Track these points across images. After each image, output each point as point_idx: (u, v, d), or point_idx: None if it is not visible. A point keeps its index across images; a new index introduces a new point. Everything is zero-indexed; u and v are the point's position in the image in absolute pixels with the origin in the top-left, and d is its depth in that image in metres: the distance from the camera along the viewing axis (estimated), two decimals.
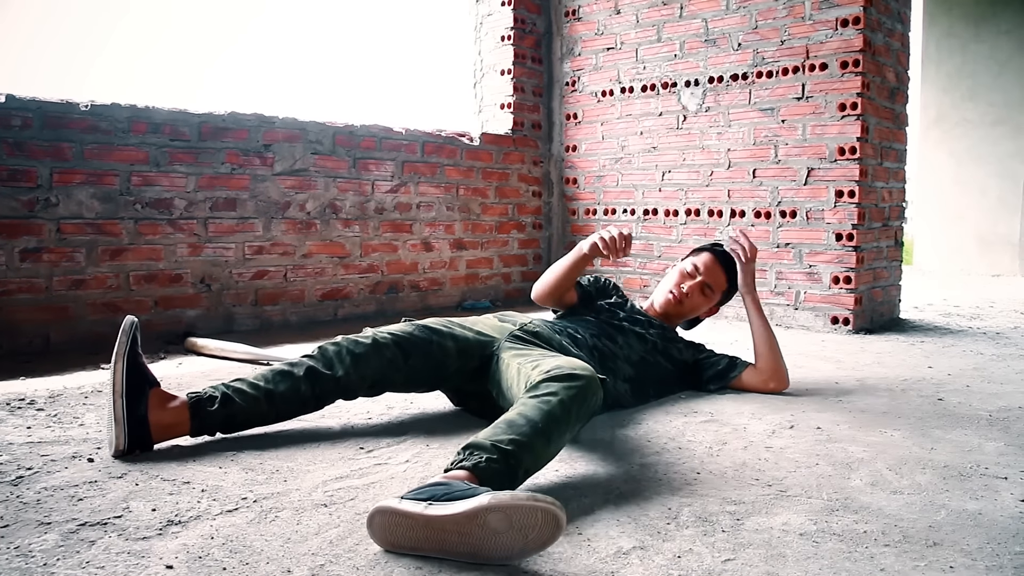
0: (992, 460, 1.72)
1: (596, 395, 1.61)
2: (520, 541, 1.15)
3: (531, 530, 1.15)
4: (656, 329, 2.34)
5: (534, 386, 1.58)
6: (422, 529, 1.19)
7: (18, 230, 2.85)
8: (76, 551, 1.22)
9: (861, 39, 3.44)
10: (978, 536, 1.31)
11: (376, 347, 1.86)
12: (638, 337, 2.28)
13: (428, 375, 1.95)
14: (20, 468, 1.59)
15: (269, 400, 1.77)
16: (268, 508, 1.40)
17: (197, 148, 3.28)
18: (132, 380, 1.65)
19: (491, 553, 1.17)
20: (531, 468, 1.43)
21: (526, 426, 1.44)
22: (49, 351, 2.90)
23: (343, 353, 1.84)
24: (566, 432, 1.52)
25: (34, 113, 2.86)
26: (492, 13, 4.65)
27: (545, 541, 1.16)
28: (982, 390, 2.42)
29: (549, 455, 1.49)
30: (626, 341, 2.25)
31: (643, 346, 2.28)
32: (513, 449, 1.38)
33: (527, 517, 1.14)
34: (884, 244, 3.77)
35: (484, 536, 1.16)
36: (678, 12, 4.05)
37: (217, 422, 1.74)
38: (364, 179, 3.86)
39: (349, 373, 1.83)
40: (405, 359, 1.89)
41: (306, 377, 1.80)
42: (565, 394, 1.54)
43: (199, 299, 3.32)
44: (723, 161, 3.91)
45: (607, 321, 2.30)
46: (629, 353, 2.23)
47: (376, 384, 1.89)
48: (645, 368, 2.25)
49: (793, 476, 1.61)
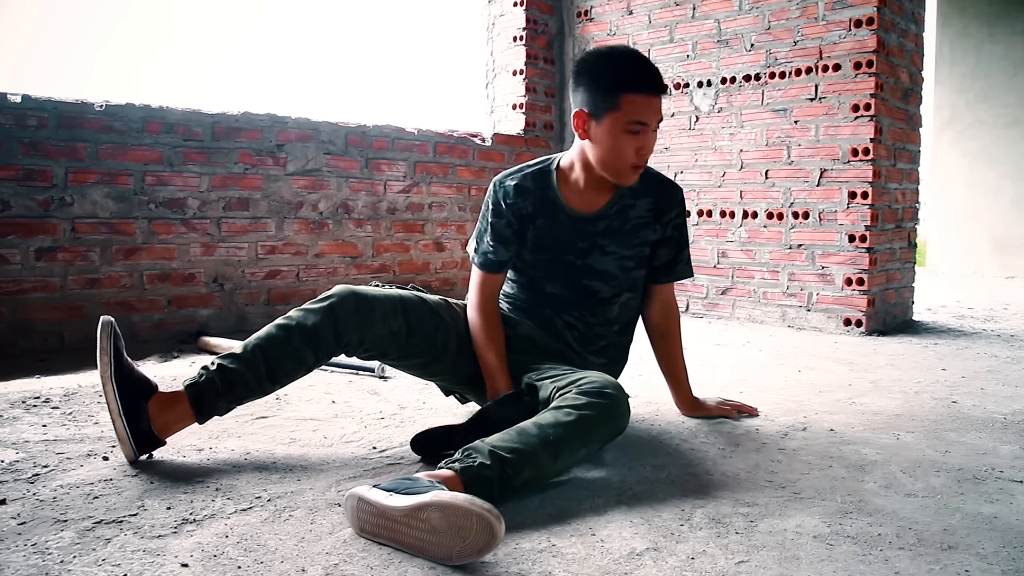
0: (1007, 463, 1.71)
1: (622, 418, 1.58)
2: (458, 543, 1.16)
3: (468, 533, 1.15)
4: (613, 216, 1.88)
5: (561, 396, 1.55)
6: (379, 518, 1.24)
7: (33, 229, 2.87)
8: (92, 549, 1.22)
9: (875, 40, 3.43)
10: (994, 540, 1.30)
11: (384, 314, 1.70)
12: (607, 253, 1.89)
13: (421, 361, 1.83)
14: (36, 466, 1.60)
15: (272, 378, 1.64)
16: (282, 507, 1.41)
17: (210, 148, 3.29)
18: (127, 399, 1.56)
19: (432, 551, 1.19)
20: (532, 480, 1.42)
21: (536, 437, 1.43)
22: (64, 350, 2.92)
23: (344, 310, 1.66)
24: (580, 449, 1.50)
25: (49, 113, 2.88)
26: (504, 14, 4.65)
27: (480, 548, 1.15)
28: (997, 393, 2.41)
29: (556, 470, 1.47)
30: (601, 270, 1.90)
31: (621, 258, 1.90)
32: (512, 458, 1.38)
33: (463, 519, 1.16)
34: (897, 246, 3.75)
35: (426, 532, 1.18)
36: (690, 13, 4.04)
37: (222, 407, 1.64)
38: (376, 179, 3.87)
39: (350, 335, 1.67)
40: (408, 335, 1.74)
41: (307, 343, 1.64)
42: (589, 411, 1.51)
43: (212, 298, 3.33)
44: (735, 162, 3.90)
45: (563, 265, 1.90)
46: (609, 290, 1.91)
47: (370, 348, 1.74)
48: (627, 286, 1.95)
49: (806, 478, 1.60)
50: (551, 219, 1.88)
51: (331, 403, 2.21)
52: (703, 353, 3.05)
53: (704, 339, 3.40)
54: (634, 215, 1.90)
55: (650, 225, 1.92)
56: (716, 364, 2.83)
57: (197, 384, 1.62)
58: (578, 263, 1.89)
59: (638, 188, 1.89)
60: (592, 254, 1.88)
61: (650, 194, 1.91)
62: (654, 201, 1.92)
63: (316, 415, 2.07)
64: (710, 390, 2.32)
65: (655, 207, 1.92)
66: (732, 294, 3.95)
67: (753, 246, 3.85)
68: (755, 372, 2.70)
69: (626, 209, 1.89)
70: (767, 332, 3.58)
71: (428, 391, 2.32)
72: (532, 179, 1.89)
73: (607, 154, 1.76)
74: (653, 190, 1.92)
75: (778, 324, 3.77)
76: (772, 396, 2.34)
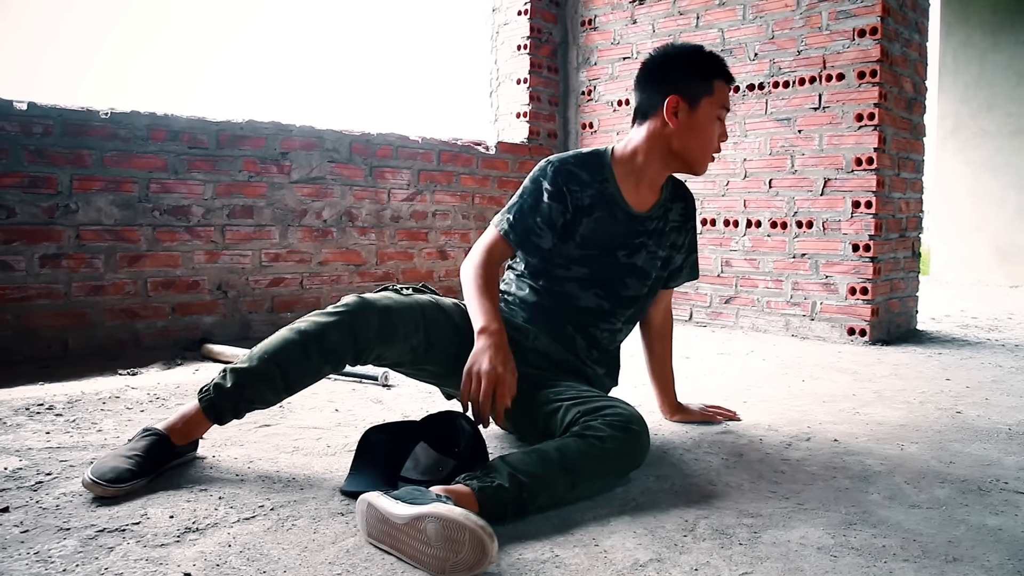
0: (1012, 475, 1.70)
1: (643, 454, 1.56)
2: (451, 557, 1.16)
3: (460, 548, 1.16)
4: (659, 217, 1.89)
5: (586, 422, 1.52)
6: (383, 524, 1.25)
7: (38, 236, 2.88)
8: (95, 557, 1.22)
9: (878, 49, 3.43)
10: (998, 552, 1.29)
11: (406, 332, 1.63)
12: (643, 267, 1.88)
13: (434, 370, 1.76)
14: (39, 473, 1.60)
15: (288, 387, 1.59)
16: (285, 516, 1.41)
17: (215, 156, 3.30)
18: (159, 463, 1.57)
19: (427, 562, 1.19)
20: (545, 506, 1.42)
21: (556, 464, 1.43)
22: (67, 356, 2.92)
23: (367, 328, 1.58)
24: (597, 481, 1.50)
25: (55, 120, 2.89)
26: (508, 22, 4.67)
27: (471, 565, 1.15)
28: (1001, 403, 2.40)
29: (571, 499, 1.47)
30: (634, 282, 1.88)
31: (649, 273, 1.90)
32: (529, 483, 1.38)
33: (457, 533, 1.16)
34: (901, 255, 3.75)
35: (422, 543, 1.19)
36: (694, 22, 4.05)
37: (240, 414, 1.61)
38: (380, 187, 3.87)
39: (370, 352, 1.61)
40: (427, 349, 1.68)
41: (323, 358, 1.57)
42: (614, 444, 1.49)
43: (216, 306, 3.34)
44: (739, 171, 3.90)
45: (604, 267, 1.85)
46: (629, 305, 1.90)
47: (387, 362, 1.69)
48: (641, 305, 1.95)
49: (810, 489, 1.60)
50: (608, 213, 1.82)
51: (335, 411, 2.21)
52: (707, 362, 3.05)
53: (708, 348, 3.39)
54: (671, 218, 1.93)
55: (679, 229, 1.96)
56: (720, 373, 2.83)
57: (211, 399, 1.59)
58: (624, 261, 1.86)
59: (675, 192, 1.94)
60: (639, 253, 1.87)
61: (683, 198, 1.97)
62: (685, 206, 1.97)
63: (319, 423, 2.07)
64: (714, 400, 2.31)
65: (685, 211, 1.97)
66: (736, 303, 3.94)
67: (757, 255, 3.85)
68: (759, 382, 2.69)
69: (667, 212, 1.92)
70: (771, 341, 3.58)
71: (432, 399, 2.31)
72: (589, 171, 1.83)
73: (698, 138, 1.77)
74: (684, 195, 1.98)
75: (782, 333, 3.76)
76: (776, 406, 2.33)
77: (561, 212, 1.79)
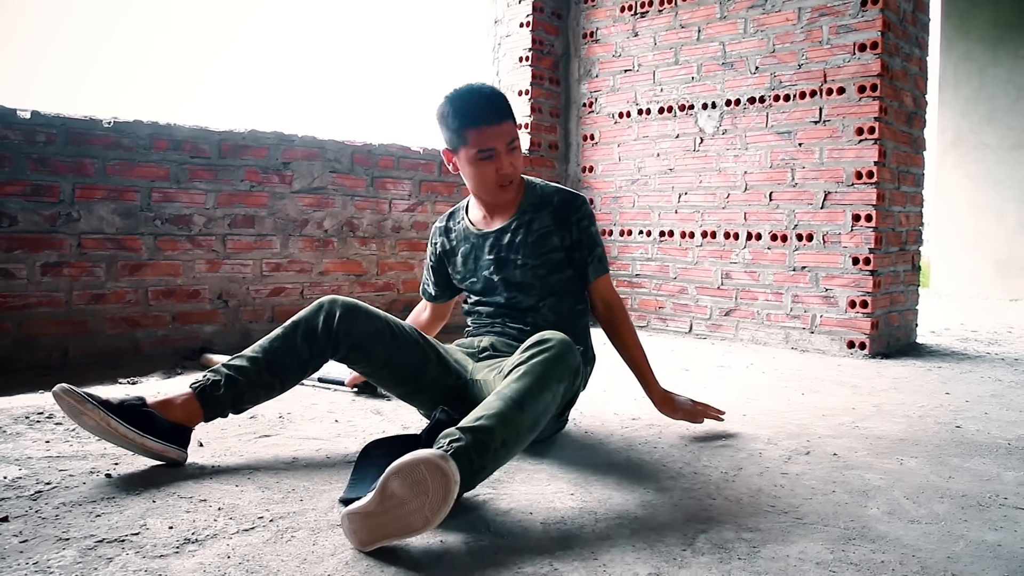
0: (1011, 490, 1.70)
1: (570, 353, 1.65)
2: (424, 501, 1.22)
3: (426, 485, 1.22)
4: (517, 230, 2.07)
5: (511, 369, 1.63)
6: (364, 520, 1.27)
7: (40, 244, 2.88)
8: (94, 568, 1.22)
9: (879, 64, 3.44)
10: (997, 568, 1.29)
11: (368, 314, 1.86)
12: (519, 265, 2.06)
13: (407, 369, 1.91)
14: (39, 483, 1.60)
15: (271, 371, 1.78)
16: (284, 528, 1.41)
17: (217, 165, 3.31)
18: (136, 420, 1.64)
19: (413, 523, 1.24)
20: (509, 439, 1.47)
21: (495, 398, 1.52)
22: (67, 365, 2.92)
23: (335, 309, 1.83)
24: (542, 392, 1.56)
25: (58, 129, 2.90)
26: (510, 34, 4.69)
27: (444, 495, 1.22)
28: (1001, 418, 2.40)
29: (529, 420, 1.52)
30: (517, 278, 2.07)
31: (532, 267, 2.06)
32: (479, 424, 1.44)
33: (416, 473, 1.22)
34: (901, 268, 3.75)
35: (399, 508, 1.24)
36: (696, 35, 4.07)
37: (227, 404, 1.75)
38: (381, 197, 3.88)
39: (339, 328, 1.81)
40: (392, 338, 1.88)
41: (304, 338, 1.80)
42: (535, 357, 1.61)
43: (216, 315, 3.34)
44: (740, 184, 3.91)
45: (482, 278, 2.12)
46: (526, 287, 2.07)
47: (358, 347, 1.84)
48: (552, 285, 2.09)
49: (809, 503, 1.60)
50: (467, 243, 2.14)
51: (334, 422, 2.21)
52: (706, 375, 3.05)
53: (707, 360, 3.39)
54: (537, 226, 2.06)
55: (555, 232, 2.06)
56: (719, 386, 2.83)
57: (203, 384, 1.74)
58: (495, 278, 2.08)
59: (538, 202, 2.08)
60: (506, 267, 2.06)
61: (549, 206, 2.08)
62: (553, 211, 2.07)
63: (319, 434, 2.07)
64: None
65: (555, 216, 2.07)
66: (735, 315, 3.95)
67: (757, 267, 3.86)
68: (758, 394, 2.69)
69: (530, 222, 2.06)
70: (770, 354, 3.58)
71: None
72: (450, 218, 2.22)
73: (472, 181, 2.01)
74: (552, 202, 2.08)
75: (781, 346, 3.76)
76: (775, 419, 2.33)
77: (440, 265, 2.25)
